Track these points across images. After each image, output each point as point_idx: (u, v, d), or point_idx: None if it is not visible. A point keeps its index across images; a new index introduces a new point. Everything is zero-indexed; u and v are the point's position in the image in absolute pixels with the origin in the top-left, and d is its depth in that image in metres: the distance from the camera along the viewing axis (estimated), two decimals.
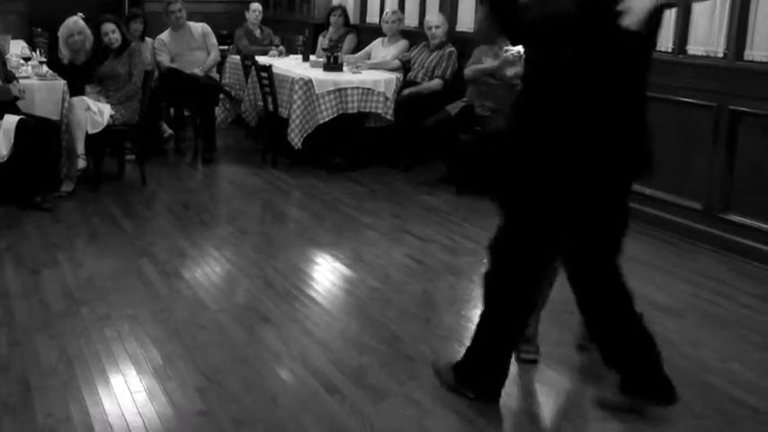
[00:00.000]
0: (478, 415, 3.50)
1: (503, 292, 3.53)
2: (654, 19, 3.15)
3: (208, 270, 5.21)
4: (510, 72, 6.94)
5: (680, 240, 5.97)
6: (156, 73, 8.28)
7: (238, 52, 9.53)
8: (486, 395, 3.61)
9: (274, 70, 7.98)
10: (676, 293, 4.97)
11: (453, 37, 8.19)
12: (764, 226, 5.52)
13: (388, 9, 9.20)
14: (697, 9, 6.04)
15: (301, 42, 9.57)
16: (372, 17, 10.14)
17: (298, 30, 10.65)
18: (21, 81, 6.67)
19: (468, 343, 4.11)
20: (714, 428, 3.50)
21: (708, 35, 5.98)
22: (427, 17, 8.36)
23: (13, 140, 6.16)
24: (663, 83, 6.13)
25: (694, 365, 4.00)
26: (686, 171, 6.06)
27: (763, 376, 3.94)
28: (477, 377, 3.62)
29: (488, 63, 7.21)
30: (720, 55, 5.85)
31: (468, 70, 7.39)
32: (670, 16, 6.21)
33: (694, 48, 6.07)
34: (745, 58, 5.68)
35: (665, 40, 6.26)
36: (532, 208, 3.36)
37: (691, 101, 5.97)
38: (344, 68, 8.21)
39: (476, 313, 4.62)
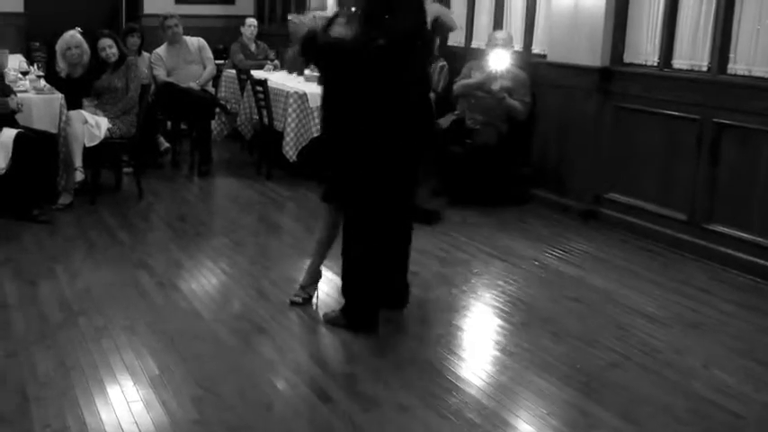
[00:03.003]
0: (467, 422, 3.58)
1: (366, 243, 4.44)
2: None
3: (203, 281, 5.28)
4: (495, 86, 7.06)
5: (665, 250, 6.05)
6: (153, 87, 8.35)
7: (234, 66, 9.59)
8: (370, 328, 4.47)
9: (269, 84, 8.05)
10: (662, 302, 5.06)
11: (445, 52, 8.28)
12: (746, 235, 5.61)
13: None
14: (681, 24, 6.16)
15: None
16: None
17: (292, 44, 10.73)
18: (19, 95, 6.73)
19: (458, 351, 4.24)
20: None
21: (692, 49, 6.09)
22: None
23: (11, 153, 6.22)
24: (648, 96, 6.27)
25: (679, 373, 4.10)
26: (671, 182, 6.16)
27: (743, 382, 4.03)
28: (361, 316, 4.48)
29: (475, 78, 7.32)
30: (704, 68, 5.97)
31: (457, 86, 7.51)
32: (655, 31, 6.34)
33: (679, 62, 6.18)
34: (729, 71, 5.78)
35: (651, 55, 6.40)
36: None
37: (675, 113, 6.06)
38: None
39: (467, 322, 4.79)
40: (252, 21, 10.09)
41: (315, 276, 4.89)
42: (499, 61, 7.03)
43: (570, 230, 6.57)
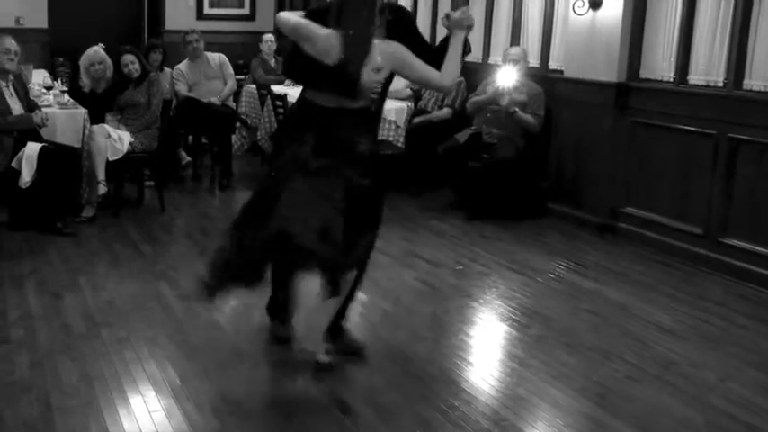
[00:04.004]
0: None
1: None
2: None
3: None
4: (504, 101, 7.13)
5: (681, 264, 6.09)
6: (175, 102, 8.44)
7: (254, 82, 9.65)
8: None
9: (289, 99, 8.04)
10: (678, 315, 5.10)
11: (462, 68, 8.29)
12: (761, 250, 5.64)
13: None
14: (697, 40, 6.20)
15: None
16: None
17: None
18: (43, 110, 6.81)
19: (475, 363, 4.27)
20: None
21: (708, 65, 6.13)
22: None
23: (35, 167, 6.30)
24: (664, 111, 6.30)
25: (695, 385, 4.13)
26: (687, 197, 6.20)
27: (758, 394, 4.06)
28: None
29: (486, 94, 7.39)
30: (720, 84, 6.00)
31: (469, 103, 7.62)
32: (671, 47, 6.38)
33: (695, 78, 6.22)
34: (744, 87, 5.82)
35: (667, 71, 6.44)
36: None
37: (691, 129, 6.11)
38: None
39: (484, 334, 4.84)
40: (269, 36, 10.12)
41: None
42: (506, 77, 7.11)
43: (587, 244, 6.61)
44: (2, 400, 3.76)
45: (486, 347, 4.68)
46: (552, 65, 7.68)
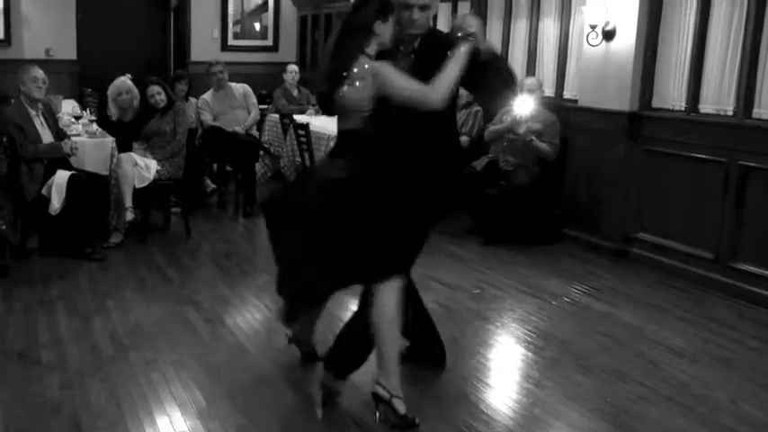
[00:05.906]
0: None
1: None
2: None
3: (248, 316, 5.41)
4: (521, 129, 7.25)
5: (693, 287, 6.16)
6: (200, 131, 8.55)
7: (277, 111, 9.80)
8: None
9: (311, 128, 8.21)
10: (690, 338, 5.17)
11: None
12: None
13: None
14: (707, 70, 6.30)
15: None
16: None
17: None
18: (72, 138, 6.94)
19: (492, 384, 4.36)
20: None
21: (718, 94, 6.22)
22: None
23: (65, 194, 6.44)
24: (676, 140, 6.39)
25: (707, 407, 4.20)
26: (698, 223, 6.29)
27: None
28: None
29: (504, 123, 7.50)
30: (730, 113, 6.09)
31: (487, 132, 7.72)
32: (682, 77, 6.48)
33: (706, 106, 6.32)
34: (754, 116, 5.91)
35: (678, 100, 6.54)
36: None
37: (702, 156, 6.20)
38: None
39: (500, 356, 4.88)
40: (293, 67, 10.27)
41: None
42: (523, 106, 7.23)
43: (601, 268, 6.69)
44: (33, 420, 3.85)
45: (502, 369, 4.73)
46: (567, 94, 7.80)
